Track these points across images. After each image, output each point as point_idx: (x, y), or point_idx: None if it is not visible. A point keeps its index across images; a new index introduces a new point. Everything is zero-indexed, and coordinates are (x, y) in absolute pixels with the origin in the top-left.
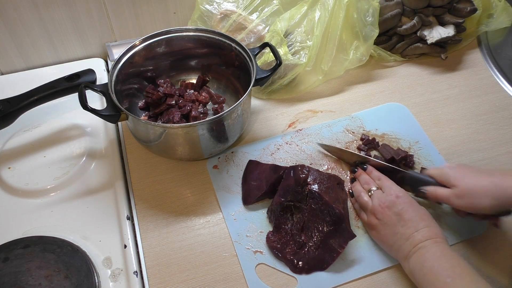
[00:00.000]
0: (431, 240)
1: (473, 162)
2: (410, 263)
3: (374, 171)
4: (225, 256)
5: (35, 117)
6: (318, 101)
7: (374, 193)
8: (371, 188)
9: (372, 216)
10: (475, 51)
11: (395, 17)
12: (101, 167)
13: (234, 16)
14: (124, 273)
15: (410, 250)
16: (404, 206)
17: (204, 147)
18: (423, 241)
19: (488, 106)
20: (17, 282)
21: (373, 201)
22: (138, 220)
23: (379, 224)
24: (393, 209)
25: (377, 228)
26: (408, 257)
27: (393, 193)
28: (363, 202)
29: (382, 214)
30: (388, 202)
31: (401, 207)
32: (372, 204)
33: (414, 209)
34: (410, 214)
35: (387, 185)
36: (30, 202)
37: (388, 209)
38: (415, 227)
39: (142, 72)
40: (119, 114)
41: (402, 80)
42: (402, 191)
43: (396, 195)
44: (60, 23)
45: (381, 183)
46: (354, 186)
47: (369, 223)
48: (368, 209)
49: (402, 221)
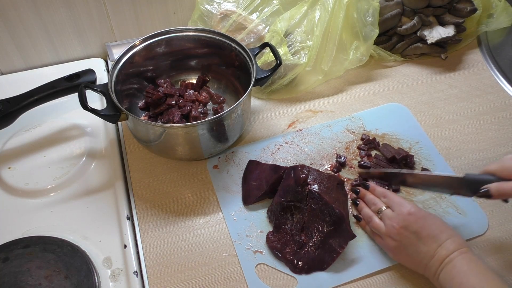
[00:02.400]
0: (457, 252)
1: (473, 162)
2: (440, 279)
3: (377, 187)
4: (225, 256)
5: (35, 117)
6: (318, 101)
7: (383, 214)
8: (380, 208)
9: (388, 238)
10: (475, 51)
11: (395, 17)
12: (101, 167)
13: (234, 16)
14: (124, 273)
15: (438, 267)
16: (420, 222)
17: (204, 147)
18: (449, 255)
19: (488, 106)
20: (17, 282)
21: (386, 223)
22: (138, 220)
23: (398, 246)
24: (409, 229)
25: (398, 250)
26: (436, 274)
27: (404, 211)
28: (375, 226)
29: (399, 235)
30: (402, 222)
31: (417, 225)
32: (386, 227)
33: (430, 222)
34: (428, 230)
35: (397, 202)
36: (30, 202)
37: (404, 229)
38: (437, 243)
39: (142, 72)
40: (119, 114)
41: (402, 80)
42: (413, 206)
43: (408, 212)
44: (60, 23)
45: (388, 200)
46: (362, 210)
47: (387, 245)
48: (382, 232)
49: (423, 239)
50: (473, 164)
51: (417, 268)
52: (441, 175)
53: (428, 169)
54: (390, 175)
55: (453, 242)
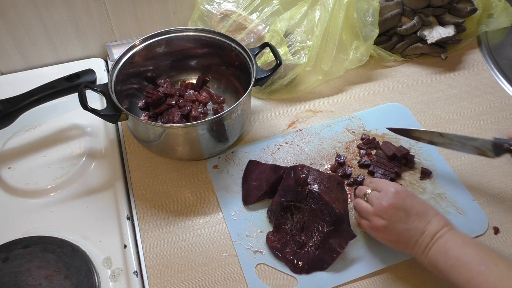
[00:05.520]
0: (446, 228)
1: (473, 162)
2: (430, 255)
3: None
4: (225, 256)
5: (35, 117)
6: (318, 101)
7: (370, 195)
8: (365, 192)
9: (377, 218)
10: (475, 51)
11: (395, 17)
12: (101, 167)
13: (234, 16)
14: (124, 273)
15: (428, 243)
16: (408, 200)
17: (204, 147)
18: (439, 231)
19: (488, 106)
20: (17, 282)
21: (373, 203)
22: (138, 220)
23: (387, 224)
24: (398, 206)
25: (387, 229)
26: (426, 250)
27: (392, 190)
28: (362, 208)
29: (387, 214)
30: (391, 200)
31: (406, 203)
32: (374, 206)
33: (417, 201)
34: (417, 208)
35: (382, 184)
36: (30, 202)
37: (392, 207)
38: (426, 219)
39: (142, 72)
40: (119, 114)
41: (402, 80)
42: (398, 185)
43: (395, 190)
44: (60, 23)
45: (374, 184)
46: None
47: (374, 226)
48: (371, 212)
49: (412, 216)
50: (473, 164)
51: (405, 246)
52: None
53: (428, 169)
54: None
55: (440, 219)
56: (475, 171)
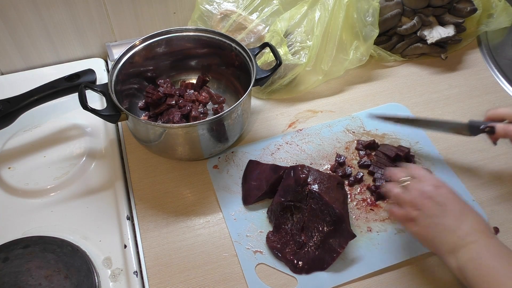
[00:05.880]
0: (482, 233)
1: (473, 162)
2: (459, 258)
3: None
4: (225, 256)
5: (35, 117)
6: (318, 101)
7: (410, 183)
8: (403, 178)
9: (410, 208)
10: (475, 51)
11: (395, 17)
12: (101, 167)
13: (234, 16)
14: (124, 273)
15: (457, 243)
16: (447, 195)
17: (204, 147)
18: (472, 234)
19: (488, 106)
20: (17, 282)
21: (412, 192)
22: (138, 220)
23: (419, 215)
24: (435, 199)
25: (418, 220)
26: (455, 251)
27: (432, 183)
28: (397, 194)
29: (423, 205)
30: (429, 192)
31: (444, 197)
32: (411, 195)
33: (457, 200)
34: (455, 205)
35: (422, 174)
36: (30, 202)
37: (429, 199)
38: (460, 219)
39: (142, 72)
40: (119, 114)
41: (402, 80)
42: (441, 181)
43: (435, 184)
44: (60, 23)
45: (411, 171)
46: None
47: (406, 215)
48: (406, 200)
49: (446, 212)
50: (473, 164)
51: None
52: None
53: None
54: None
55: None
56: (475, 171)
